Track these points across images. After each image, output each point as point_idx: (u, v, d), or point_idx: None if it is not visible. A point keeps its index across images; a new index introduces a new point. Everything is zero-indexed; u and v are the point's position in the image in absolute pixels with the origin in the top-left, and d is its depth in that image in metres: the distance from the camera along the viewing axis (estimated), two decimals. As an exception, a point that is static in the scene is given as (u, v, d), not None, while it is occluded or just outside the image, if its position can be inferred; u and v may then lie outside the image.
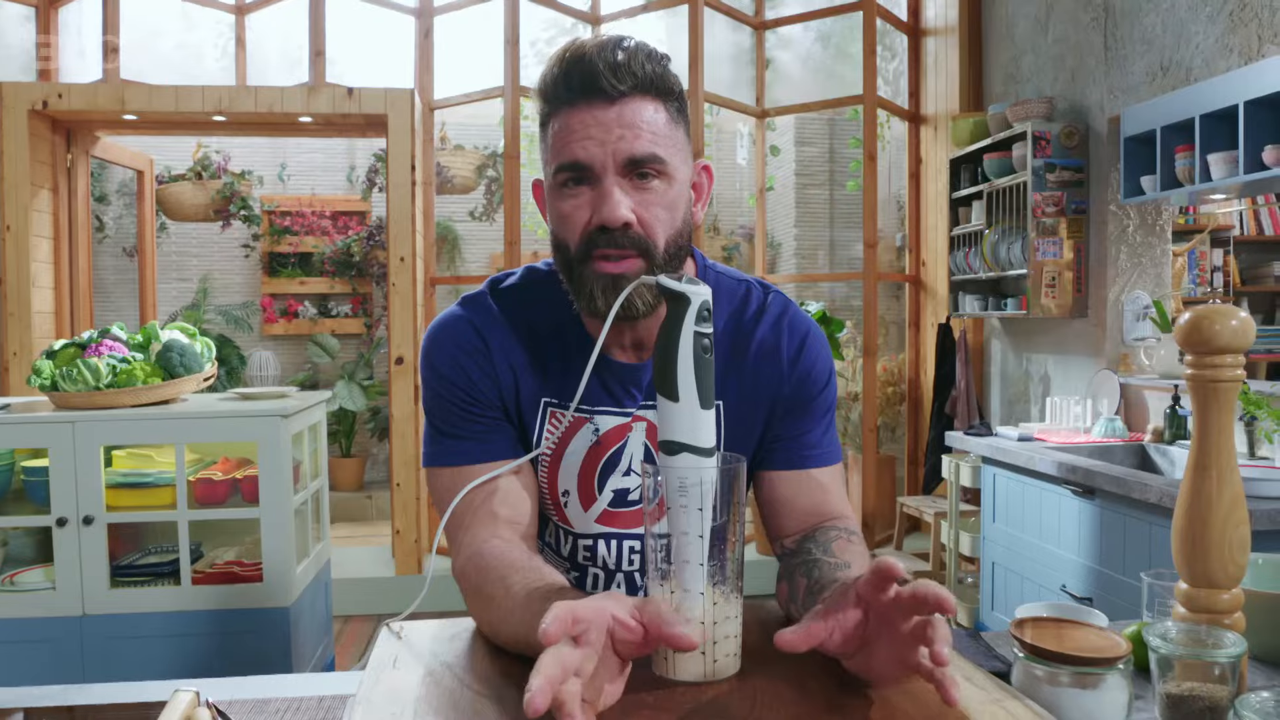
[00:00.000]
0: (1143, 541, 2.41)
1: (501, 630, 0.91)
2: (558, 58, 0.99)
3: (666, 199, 0.99)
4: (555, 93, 0.99)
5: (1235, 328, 0.91)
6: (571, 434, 1.09)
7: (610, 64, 0.95)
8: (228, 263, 6.50)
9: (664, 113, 0.99)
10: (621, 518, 1.12)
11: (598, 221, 0.97)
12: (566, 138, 0.97)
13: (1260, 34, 2.72)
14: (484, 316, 1.09)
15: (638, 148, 0.96)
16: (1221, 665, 0.84)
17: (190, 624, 2.51)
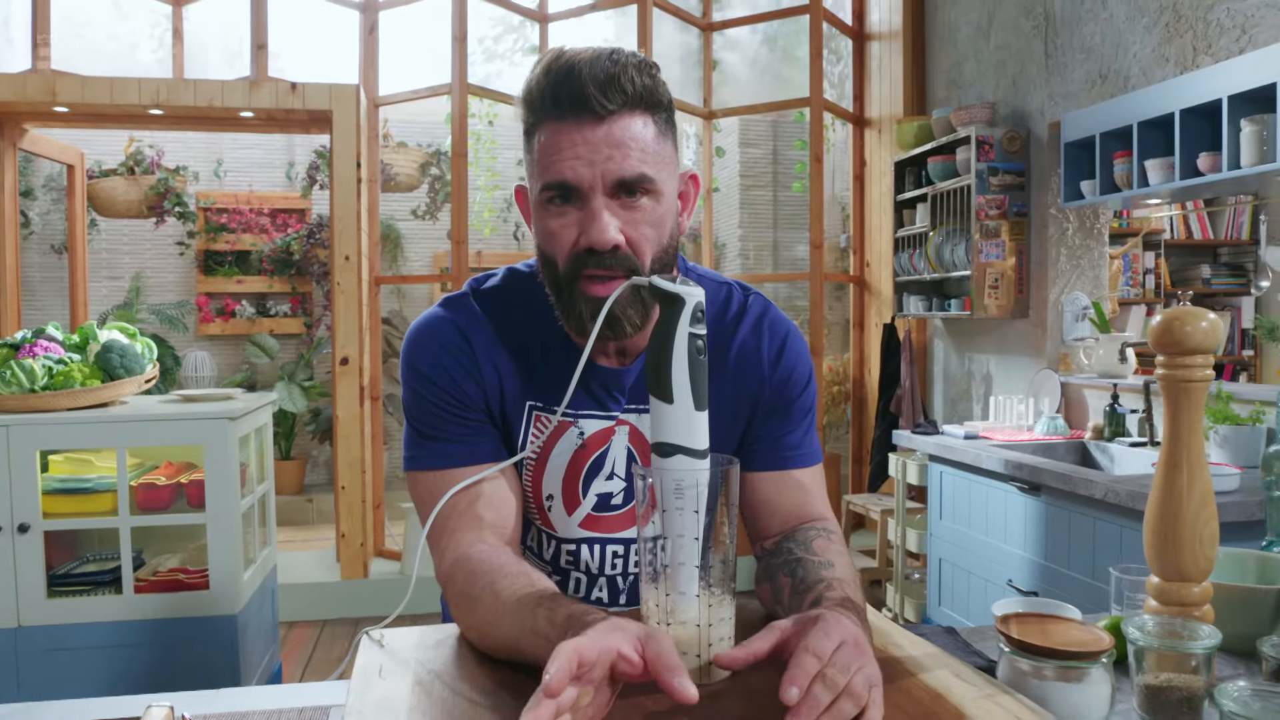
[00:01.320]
0: (1087, 536, 2.47)
1: (489, 635, 0.90)
2: (545, 68, 0.96)
3: (654, 216, 0.98)
4: (542, 105, 0.96)
5: (1205, 329, 0.94)
6: (556, 438, 1.08)
7: (599, 81, 0.93)
8: (161, 261, 6.31)
9: (653, 126, 0.98)
10: (604, 522, 1.11)
11: (586, 243, 0.96)
12: (554, 155, 0.95)
13: (1195, 45, 2.82)
14: (467, 318, 1.08)
15: (626, 169, 0.95)
16: (1197, 656, 0.87)
17: (133, 634, 2.43)
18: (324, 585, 4.10)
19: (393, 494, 5.49)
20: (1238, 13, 2.66)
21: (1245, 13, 2.64)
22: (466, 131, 4.22)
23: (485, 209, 5.76)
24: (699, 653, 0.82)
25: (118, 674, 2.40)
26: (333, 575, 4.20)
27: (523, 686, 0.82)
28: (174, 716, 0.88)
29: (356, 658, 0.90)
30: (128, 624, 2.43)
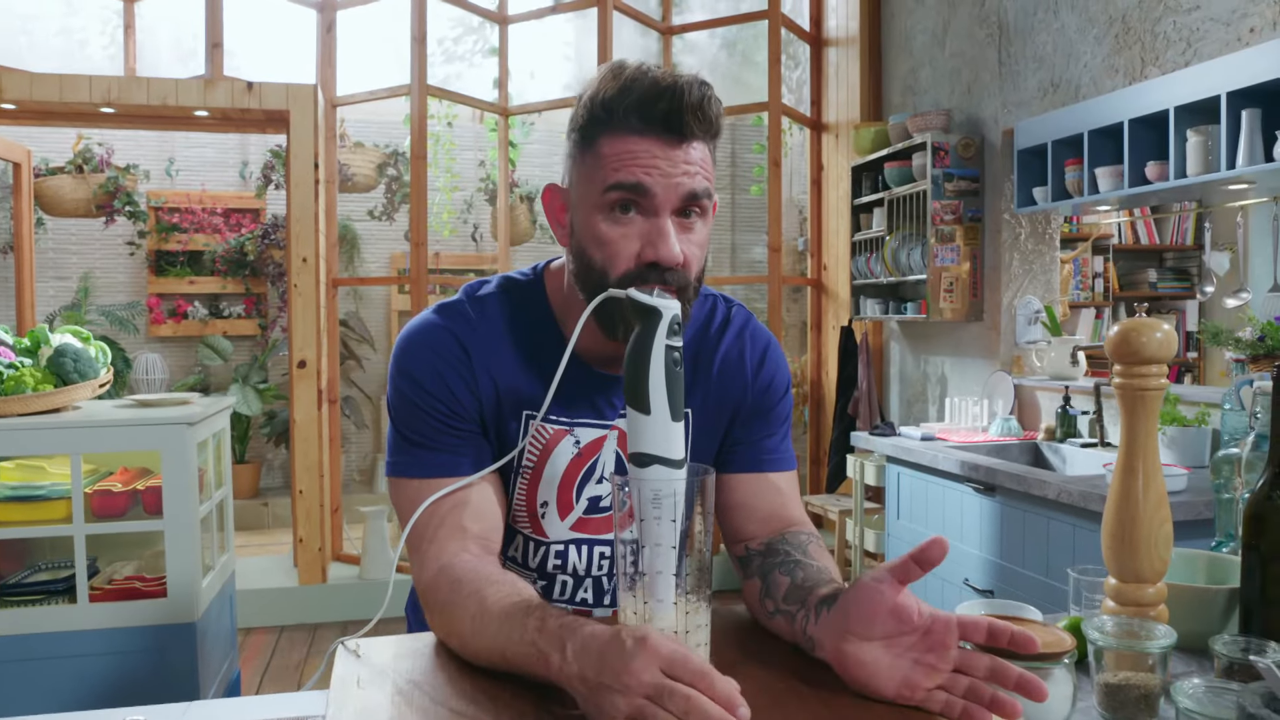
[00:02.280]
0: (1041, 536, 2.53)
1: (472, 644, 0.90)
2: (630, 79, 0.97)
3: (702, 237, 1.01)
4: (624, 116, 0.96)
5: (1160, 340, 0.97)
6: (553, 447, 1.09)
7: (694, 106, 0.95)
8: (110, 261, 6.18)
9: (710, 155, 1.01)
10: (593, 524, 1.13)
11: (652, 257, 0.96)
12: (629, 160, 0.96)
13: (1143, 57, 2.90)
14: (463, 326, 1.07)
15: (697, 185, 0.97)
16: (1154, 655, 0.90)
17: (88, 644, 2.38)
18: (281, 591, 4.06)
19: (351, 498, 5.44)
20: (1183, 26, 2.74)
21: (1190, 27, 2.72)
22: (426, 133, 4.20)
23: (444, 210, 5.72)
24: (677, 659, 0.84)
25: (73, 685, 2.36)
26: (290, 580, 4.15)
27: (503, 696, 0.83)
28: (148, 730, 0.87)
29: (334, 668, 0.90)
30: (83, 634, 2.38)
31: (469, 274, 6.69)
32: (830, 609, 0.87)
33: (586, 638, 0.77)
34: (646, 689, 0.71)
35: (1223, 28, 2.61)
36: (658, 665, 0.71)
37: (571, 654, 0.77)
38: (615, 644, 0.74)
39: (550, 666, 0.79)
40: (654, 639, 0.73)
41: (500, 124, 4.81)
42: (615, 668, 0.72)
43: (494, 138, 4.96)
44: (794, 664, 0.89)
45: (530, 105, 4.77)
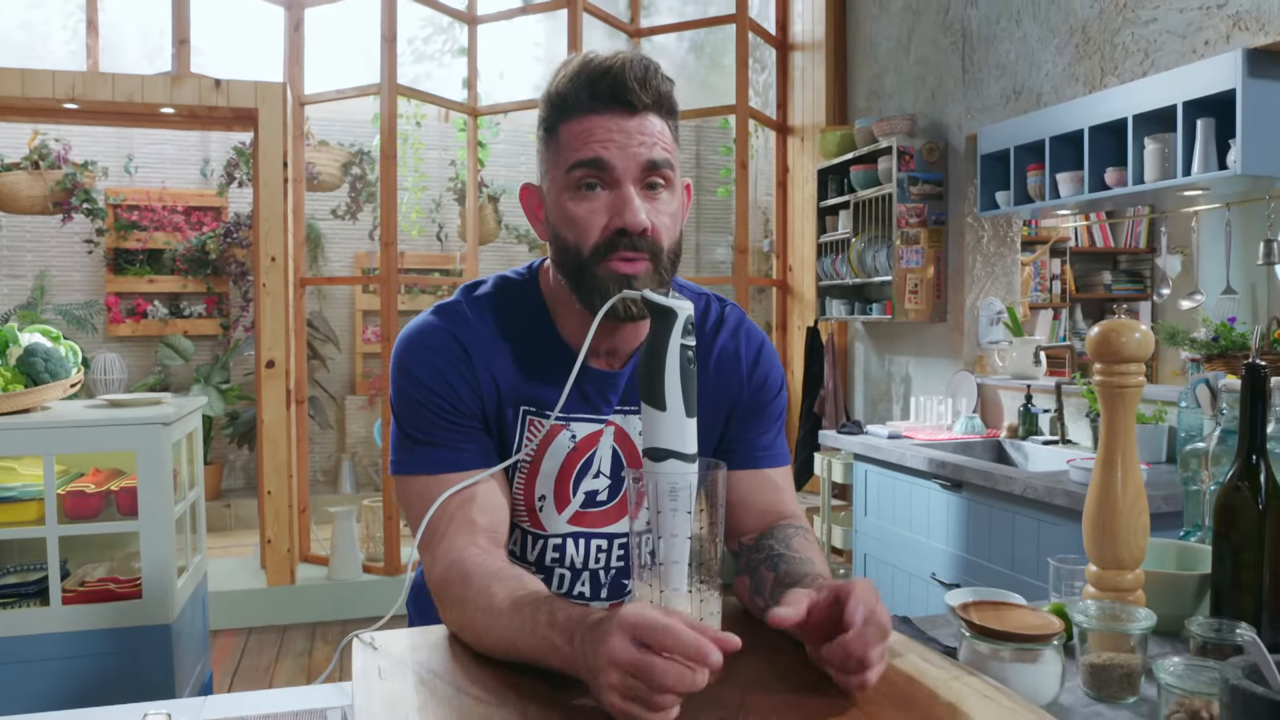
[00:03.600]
0: (1006, 530, 2.61)
1: (486, 638, 0.93)
2: (579, 67, 1.03)
3: (671, 208, 1.06)
4: (577, 99, 1.02)
5: (1138, 340, 1.03)
6: (549, 441, 1.12)
7: (638, 78, 1.01)
8: (67, 259, 6.07)
9: (669, 130, 1.06)
10: (590, 518, 1.15)
11: (619, 224, 1.01)
12: (586, 139, 1.01)
13: (1102, 66, 3.00)
14: (462, 325, 1.10)
15: (656, 153, 1.02)
16: (1135, 637, 0.95)
17: (62, 646, 2.36)
18: (250, 592, 4.03)
19: (316, 499, 5.40)
20: (1141, 38, 2.84)
21: (1148, 38, 2.82)
22: (396, 133, 4.19)
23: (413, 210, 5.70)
24: (691, 645, 0.87)
25: (47, 689, 2.33)
26: (258, 582, 4.12)
27: (522, 685, 0.86)
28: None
29: (353, 660, 0.92)
30: (56, 636, 2.36)
31: (434, 274, 6.67)
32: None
33: (588, 626, 0.80)
34: (624, 665, 0.73)
35: (1178, 40, 2.71)
36: (630, 638, 0.74)
37: (577, 643, 0.80)
38: (598, 627, 0.78)
39: (561, 656, 0.82)
40: (624, 613, 0.76)
41: (469, 124, 4.82)
42: (597, 649, 0.76)
43: (462, 138, 4.96)
44: (803, 654, 0.92)
45: (500, 106, 4.78)
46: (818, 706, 0.81)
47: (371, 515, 4.42)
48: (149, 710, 0.91)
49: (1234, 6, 2.53)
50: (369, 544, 4.40)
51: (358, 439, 6.50)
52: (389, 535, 4.21)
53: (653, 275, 1.03)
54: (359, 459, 6.47)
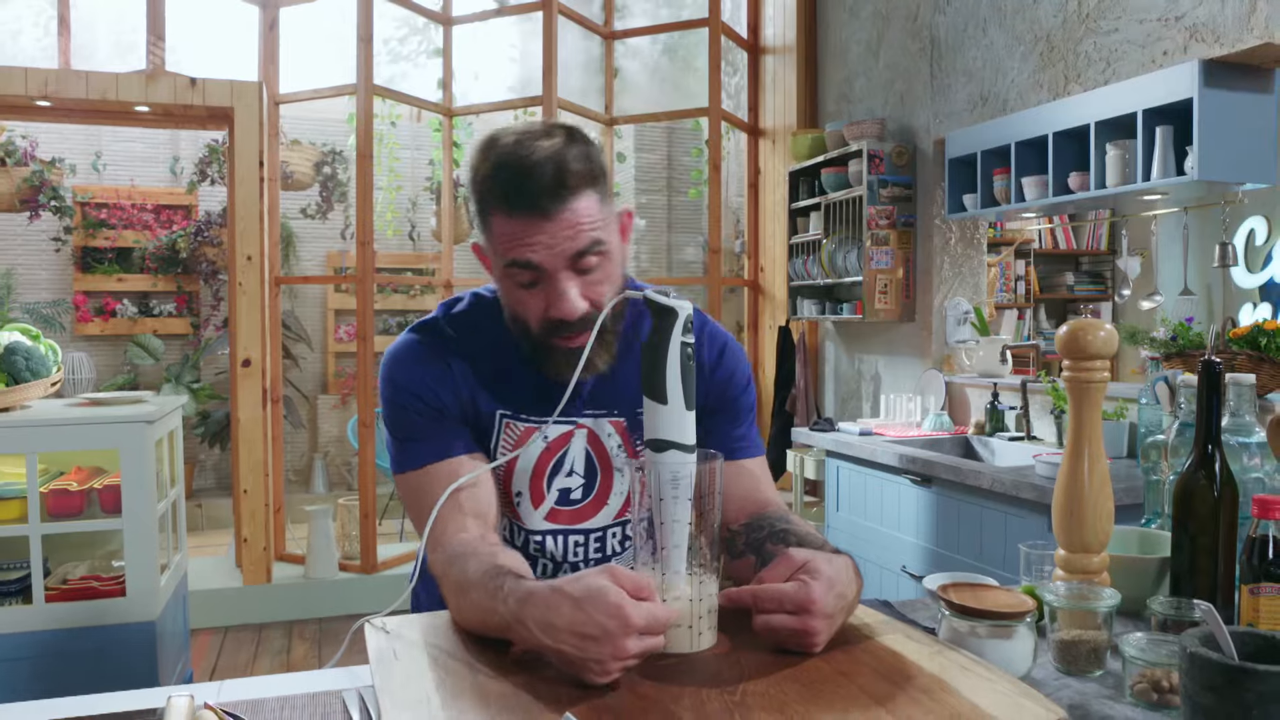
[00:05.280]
0: (974, 523, 2.70)
1: (463, 614, 0.99)
2: (496, 165, 1.05)
3: (607, 272, 1.10)
4: (494, 200, 1.06)
5: (1104, 338, 1.10)
6: (524, 442, 1.19)
7: (548, 185, 1.02)
8: (34, 257, 6.01)
9: (596, 197, 1.07)
10: (566, 515, 1.22)
11: (555, 315, 1.07)
12: (513, 241, 1.05)
13: (1066, 74, 3.09)
14: (441, 340, 1.19)
15: (581, 242, 1.05)
16: (1101, 614, 1.02)
17: (45, 644, 2.37)
18: (226, 591, 4.03)
19: (290, 497, 5.39)
20: (1103, 47, 2.94)
21: (1110, 48, 2.92)
22: (372, 133, 4.20)
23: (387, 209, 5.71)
24: (690, 624, 0.93)
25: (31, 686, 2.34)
26: (233, 581, 4.12)
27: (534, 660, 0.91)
28: (194, 705, 0.93)
29: (368, 644, 0.97)
30: (39, 634, 2.37)
31: (406, 273, 6.68)
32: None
33: (556, 595, 0.86)
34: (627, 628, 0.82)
35: (1139, 50, 2.81)
36: (568, 608, 0.84)
37: (548, 610, 0.86)
38: (580, 595, 0.85)
39: (520, 626, 0.88)
40: (605, 585, 0.84)
41: (444, 124, 4.84)
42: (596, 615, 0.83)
43: (437, 138, 4.98)
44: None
45: (475, 106, 4.81)
46: (814, 680, 0.87)
47: (347, 514, 4.43)
48: (172, 692, 0.95)
49: (1191, 19, 2.63)
50: (345, 542, 4.41)
51: (330, 438, 6.49)
52: (365, 534, 4.23)
53: (596, 340, 1.09)
54: (331, 458, 6.47)
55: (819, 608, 0.89)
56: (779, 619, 0.90)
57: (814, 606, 0.89)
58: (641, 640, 0.83)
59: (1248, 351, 2.42)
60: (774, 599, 0.90)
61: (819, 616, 0.90)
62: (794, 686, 0.85)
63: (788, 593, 0.90)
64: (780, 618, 0.90)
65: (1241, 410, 1.24)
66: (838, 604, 0.92)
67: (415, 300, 6.57)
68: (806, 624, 0.89)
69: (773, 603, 0.90)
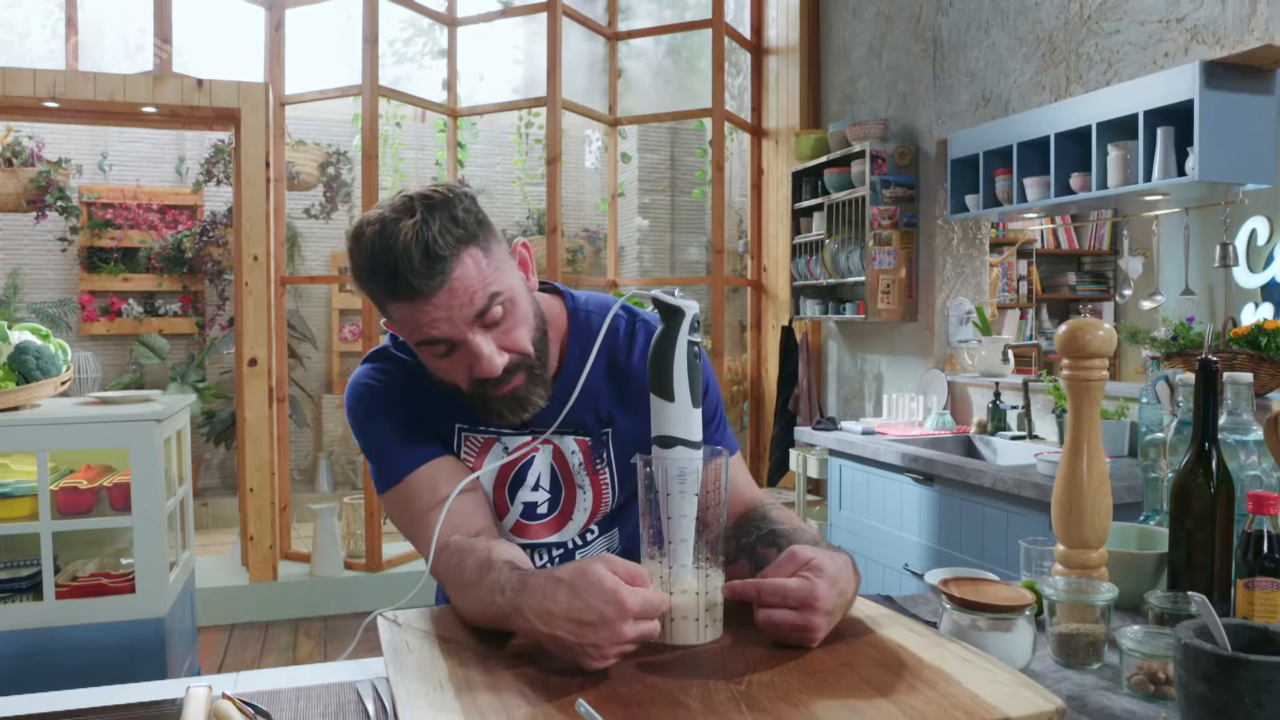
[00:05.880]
0: (976, 522, 2.72)
1: (464, 608, 1.02)
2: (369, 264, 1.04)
3: (518, 316, 1.10)
4: (378, 292, 1.06)
5: (1103, 337, 1.12)
6: (485, 451, 1.21)
7: (421, 269, 1.01)
8: (41, 257, 6.04)
9: (479, 253, 1.06)
10: (532, 529, 1.24)
11: (478, 374, 1.08)
12: (413, 325, 1.06)
13: (1068, 75, 3.11)
14: (393, 365, 1.22)
15: (478, 304, 1.05)
16: (1099, 608, 1.04)
17: (56, 640, 2.39)
18: (232, 589, 4.05)
19: (295, 496, 5.42)
20: (1105, 49, 2.96)
21: (1111, 49, 2.93)
22: (378, 133, 4.23)
23: (392, 210, 5.73)
24: (696, 616, 0.95)
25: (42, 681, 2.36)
26: (239, 579, 4.14)
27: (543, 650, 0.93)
28: (213, 696, 0.95)
29: (381, 636, 0.99)
30: (50, 630, 2.39)
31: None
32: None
33: (551, 582, 0.89)
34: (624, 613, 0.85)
35: (1140, 51, 2.83)
36: (565, 595, 0.87)
37: (543, 598, 0.89)
38: (574, 582, 0.88)
39: (518, 614, 0.91)
40: (600, 572, 0.87)
41: (449, 125, 4.86)
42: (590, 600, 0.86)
43: (441, 139, 5.01)
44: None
45: (480, 107, 4.83)
46: (817, 670, 0.89)
47: (352, 512, 4.46)
48: (191, 683, 0.97)
49: (1192, 21, 2.65)
50: (350, 541, 4.44)
51: (334, 437, 6.51)
52: (370, 532, 4.25)
53: (527, 380, 1.11)
54: (336, 457, 6.49)
55: (821, 604, 0.92)
56: (782, 614, 0.92)
57: (817, 603, 0.92)
58: (637, 625, 0.85)
59: (1248, 351, 2.44)
60: (778, 593, 0.93)
61: (820, 613, 0.92)
62: (798, 677, 0.88)
63: (792, 588, 0.92)
64: (783, 613, 0.92)
65: (1239, 409, 1.26)
66: (838, 601, 0.95)
67: (419, 300, 6.58)
68: (808, 620, 0.92)
69: (776, 597, 0.93)
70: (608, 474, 1.23)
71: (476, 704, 0.82)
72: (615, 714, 0.80)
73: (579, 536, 1.25)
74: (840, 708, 0.81)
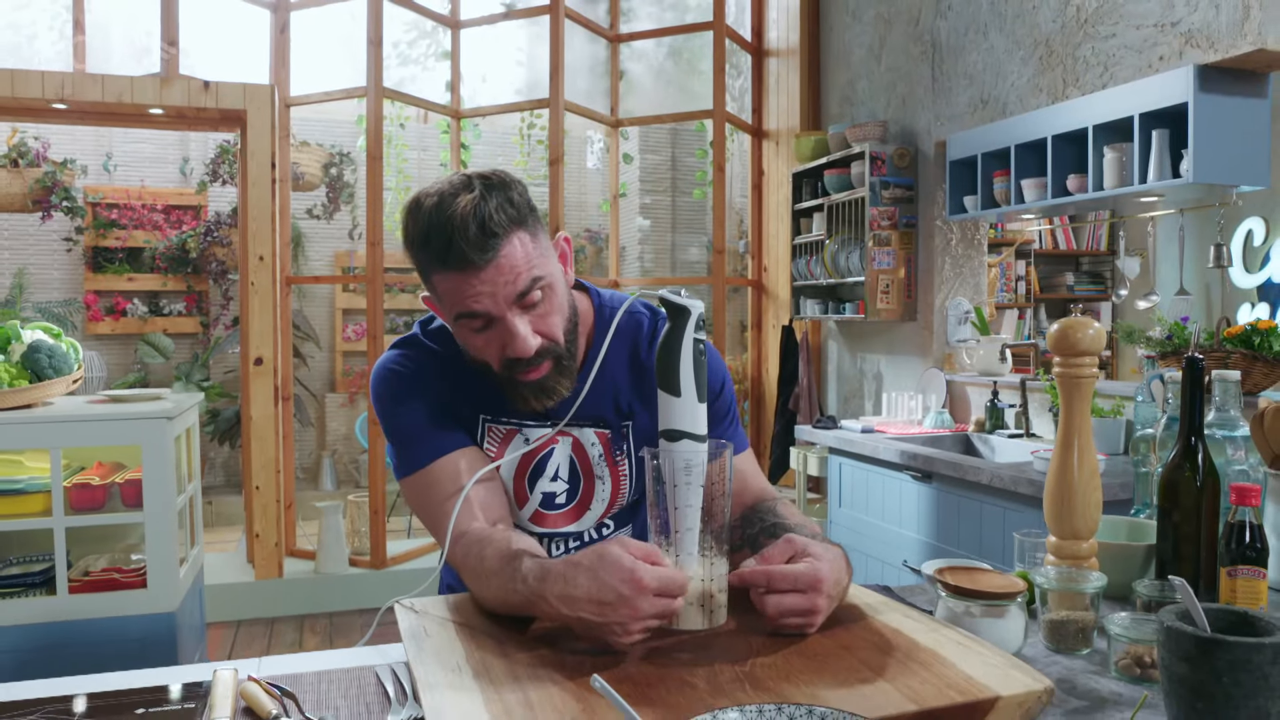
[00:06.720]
0: (974, 518, 2.76)
1: (485, 597, 1.06)
2: (424, 231, 1.09)
3: (555, 304, 1.15)
4: (430, 261, 1.11)
5: (1093, 335, 1.16)
6: (507, 442, 1.25)
7: (476, 239, 1.06)
8: (46, 257, 6.08)
9: (528, 237, 1.11)
10: (551, 519, 1.28)
11: (511, 355, 1.13)
12: (457, 296, 1.10)
13: (1065, 78, 3.15)
14: (422, 353, 1.25)
15: (521, 284, 1.10)
16: (1089, 596, 1.09)
17: (69, 634, 2.44)
18: (238, 586, 4.09)
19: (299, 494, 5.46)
20: (1101, 52, 3.00)
21: (1108, 53, 2.98)
22: (382, 135, 4.27)
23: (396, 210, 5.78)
24: (703, 603, 0.99)
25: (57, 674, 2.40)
26: (245, 576, 4.18)
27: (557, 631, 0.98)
28: (238, 678, 0.99)
29: (399, 622, 1.03)
30: (64, 624, 2.43)
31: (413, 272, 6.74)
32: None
33: (570, 566, 0.93)
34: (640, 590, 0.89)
35: (1135, 55, 2.87)
36: (585, 578, 0.91)
37: (565, 583, 0.92)
38: (593, 565, 0.92)
39: (541, 600, 0.95)
40: (616, 553, 0.91)
41: (452, 126, 4.91)
42: (608, 580, 0.90)
43: (445, 139, 5.05)
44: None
45: (482, 109, 4.88)
46: (818, 653, 0.93)
47: (357, 510, 4.50)
48: (217, 666, 1.02)
49: (1186, 25, 2.69)
50: (355, 538, 4.48)
51: (337, 436, 6.56)
52: (375, 529, 4.29)
53: (555, 368, 1.16)
54: (339, 456, 6.53)
55: (825, 586, 0.96)
56: (791, 598, 0.96)
57: (822, 585, 0.96)
58: (656, 601, 0.89)
59: (1241, 350, 2.48)
60: (788, 578, 0.96)
61: (824, 595, 0.96)
62: (800, 659, 0.92)
63: (801, 572, 0.96)
64: (792, 597, 0.96)
65: (1228, 405, 1.30)
66: (837, 588, 0.99)
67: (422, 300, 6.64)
68: (815, 602, 0.96)
69: (786, 582, 0.96)
70: (626, 465, 1.27)
71: (494, 684, 0.86)
72: (626, 694, 0.84)
73: (595, 530, 1.29)
74: (840, 687, 0.85)
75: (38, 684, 1.04)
